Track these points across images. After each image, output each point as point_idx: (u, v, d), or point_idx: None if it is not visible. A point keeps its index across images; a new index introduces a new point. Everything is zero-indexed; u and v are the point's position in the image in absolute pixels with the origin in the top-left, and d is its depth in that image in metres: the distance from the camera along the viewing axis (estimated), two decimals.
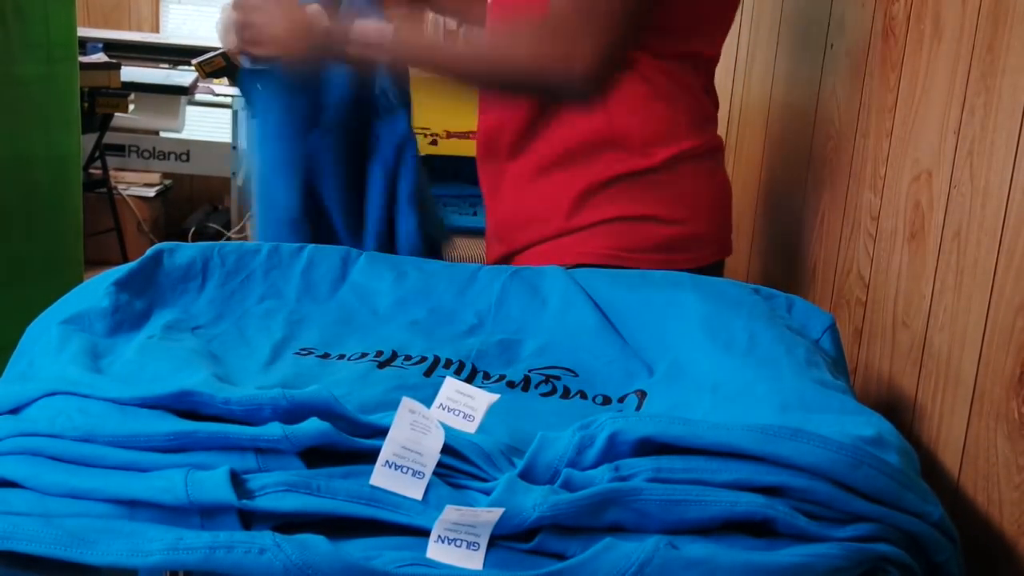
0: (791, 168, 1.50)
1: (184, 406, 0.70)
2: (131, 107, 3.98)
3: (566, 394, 0.88)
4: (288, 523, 0.66)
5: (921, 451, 1.02)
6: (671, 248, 1.20)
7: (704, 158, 1.23)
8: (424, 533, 0.65)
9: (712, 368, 0.86)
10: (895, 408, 1.09)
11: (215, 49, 1.47)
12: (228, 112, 4.69)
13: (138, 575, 0.68)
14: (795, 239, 1.45)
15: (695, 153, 1.21)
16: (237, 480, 0.66)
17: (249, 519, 0.65)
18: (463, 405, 0.77)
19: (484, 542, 0.64)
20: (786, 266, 1.49)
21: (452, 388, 0.78)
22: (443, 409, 0.76)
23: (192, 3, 5.08)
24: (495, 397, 0.78)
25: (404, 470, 0.67)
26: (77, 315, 0.87)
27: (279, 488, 0.65)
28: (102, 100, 3.79)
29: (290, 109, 1.30)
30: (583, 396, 0.88)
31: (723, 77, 1.95)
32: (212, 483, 0.65)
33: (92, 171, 4.13)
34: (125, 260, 4.57)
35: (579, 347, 0.95)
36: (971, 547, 0.91)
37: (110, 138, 4.16)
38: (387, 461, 0.67)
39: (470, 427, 0.75)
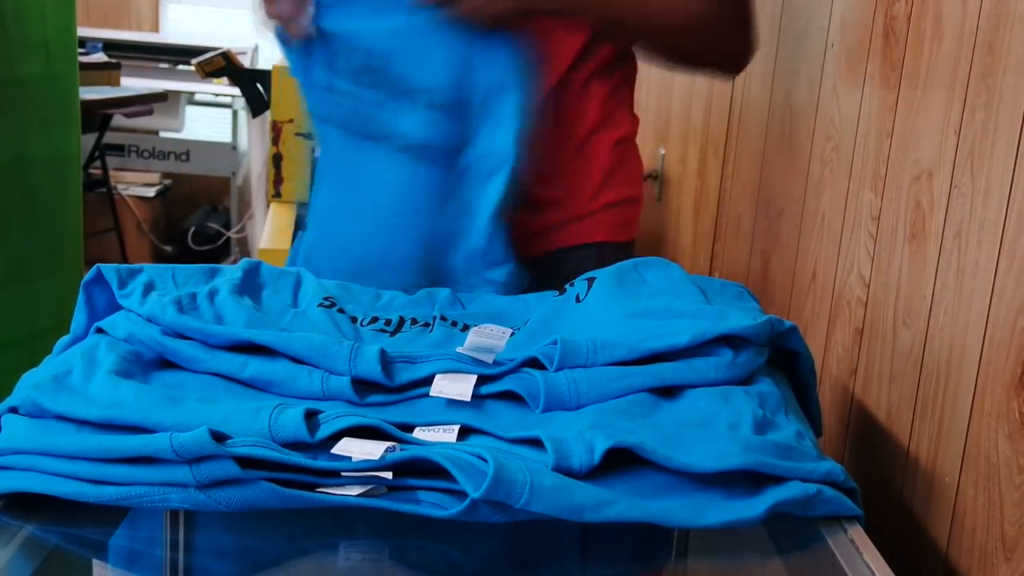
0: (791, 168, 1.50)
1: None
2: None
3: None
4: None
5: (921, 451, 1.02)
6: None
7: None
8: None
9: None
10: (895, 408, 1.09)
11: (215, 49, 1.47)
12: (228, 112, 4.69)
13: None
14: (795, 239, 1.45)
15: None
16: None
17: None
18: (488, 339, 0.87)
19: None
20: (786, 266, 1.49)
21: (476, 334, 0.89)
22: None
23: (192, 3, 5.08)
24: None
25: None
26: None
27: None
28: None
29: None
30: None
31: None
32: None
33: (92, 171, 4.12)
34: (125, 260, 4.57)
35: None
36: (972, 547, 0.91)
37: (110, 138, 4.16)
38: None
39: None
